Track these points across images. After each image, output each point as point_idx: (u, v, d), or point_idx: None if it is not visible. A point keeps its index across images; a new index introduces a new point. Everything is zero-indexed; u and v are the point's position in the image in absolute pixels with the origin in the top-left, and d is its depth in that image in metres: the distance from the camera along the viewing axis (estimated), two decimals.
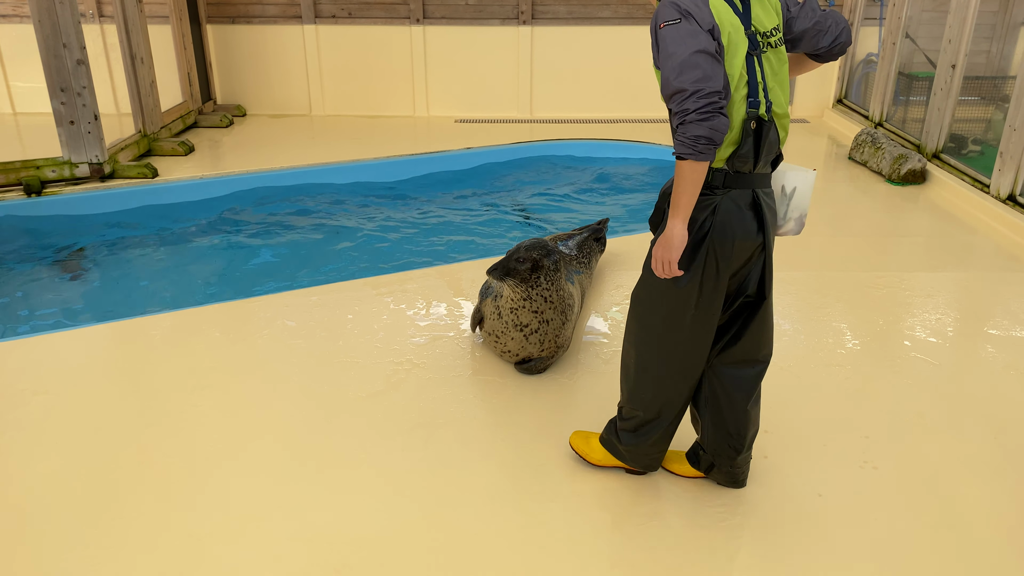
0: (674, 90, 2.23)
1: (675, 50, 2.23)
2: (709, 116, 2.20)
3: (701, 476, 2.94)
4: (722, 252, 2.42)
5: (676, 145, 2.28)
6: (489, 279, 3.77)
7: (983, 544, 2.67)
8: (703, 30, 2.23)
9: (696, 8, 2.26)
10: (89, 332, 4.20)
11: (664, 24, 2.26)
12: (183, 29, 8.32)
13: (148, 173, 6.73)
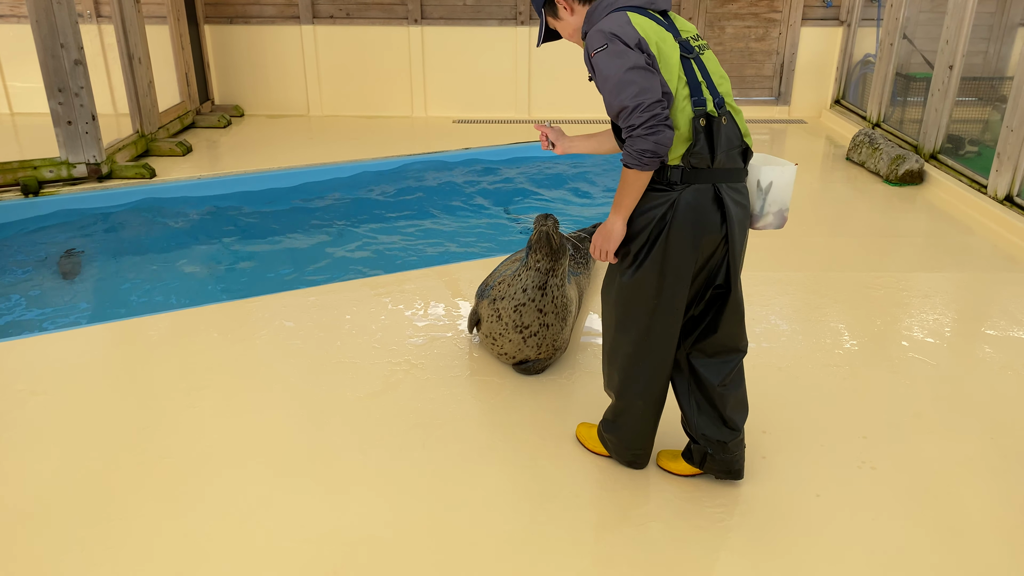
0: (617, 109, 2.35)
1: (609, 72, 2.34)
2: (653, 129, 2.30)
3: (698, 473, 2.95)
4: (682, 246, 2.50)
5: (624, 156, 2.39)
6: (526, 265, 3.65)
7: (981, 544, 2.67)
8: (631, 48, 2.33)
9: (620, 28, 2.36)
10: (87, 332, 4.19)
11: (595, 52, 2.38)
12: (181, 29, 8.32)
13: (146, 173, 6.72)
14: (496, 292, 3.69)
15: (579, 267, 4.36)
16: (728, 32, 9.10)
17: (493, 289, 3.71)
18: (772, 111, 9.35)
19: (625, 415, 2.85)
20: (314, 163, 7.30)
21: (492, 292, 3.72)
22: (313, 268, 5.52)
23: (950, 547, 2.66)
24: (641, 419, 2.83)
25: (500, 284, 3.69)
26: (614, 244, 2.54)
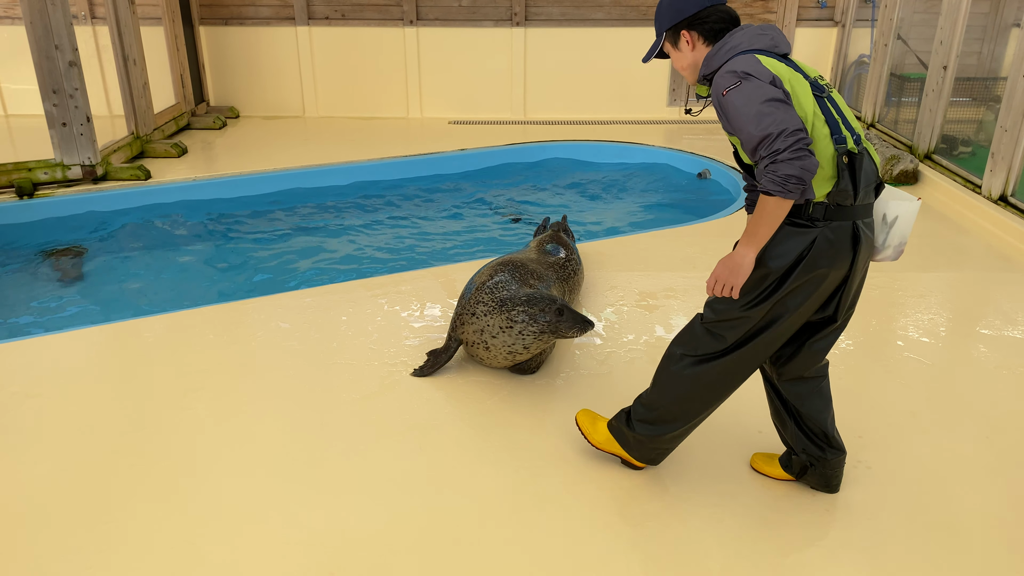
0: (759, 139, 2.27)
1: (746, 108, 2.29)
2: (799, 154, 2.23)
3: (791, 479, 2.95)
4: (812, 283, 2.44)
5: (765, 182, 2.29)
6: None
7: (975, 542, 2.68)
8: (765, 82, 2.30)
9: (752, 67, 2.33)
10: (82, 334, 4.19)
11: (726, 91, 2.33)
12: (176, 30, 8.31)
13: (141, 175, 6.71)
14: (485, 326, 3.49)
15: (555, 274, 4.11)
16: None
17: (479, 318, 3.52)
18: None
19: (674, 422, 2.77)
20: (309, 164, 7.30)
21: (479, 321, 3.52)
22: (309, 269, 5.51)
23: (945, 544, 2.67)
24: (690, 428, 2.79)
25: (490, 318, 3.48)
26: (742, 280, 2.41)
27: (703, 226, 5.79)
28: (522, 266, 3.86)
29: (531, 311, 3.40)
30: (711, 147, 7.98)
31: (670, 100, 9.28)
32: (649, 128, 8.84)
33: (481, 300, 3.55)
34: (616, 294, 4.59)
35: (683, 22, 2.53)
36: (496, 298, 3.52)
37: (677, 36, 2.56)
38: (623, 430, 2.91)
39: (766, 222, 2.34)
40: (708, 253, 5.19)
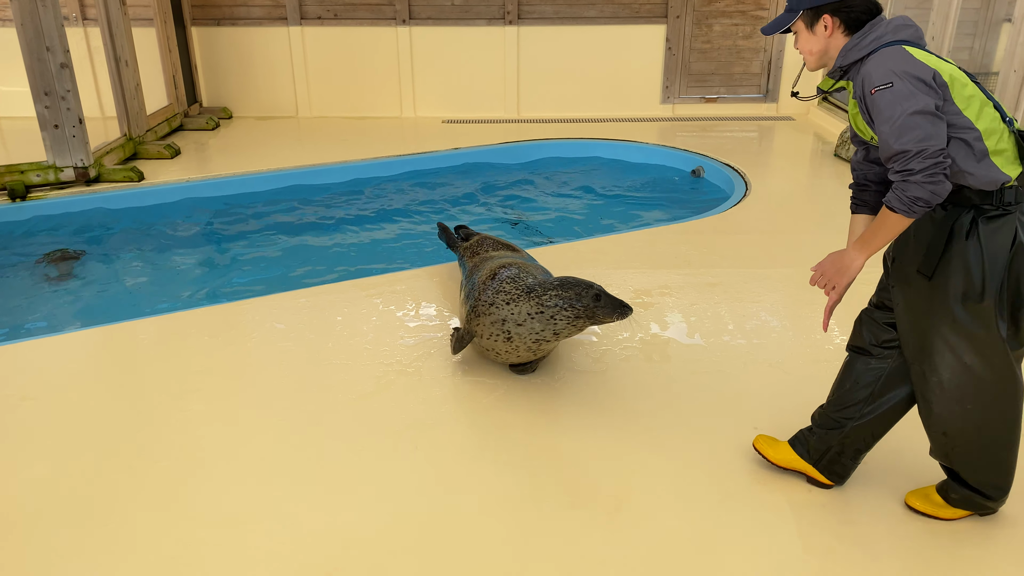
0: (895, 152, 2.20)
1: (892, 113, 2.20)
2: (933, 179, 2.17)
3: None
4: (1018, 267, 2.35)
5: (891, 198, 2.25)
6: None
7: (973, 537, 2.69)
8: (924, 85, 2.21)
9: (908, 64, 2.23)
10: (76, 337, 4.18)
11: (875, 90, 2.24)
12: (168, 31, 8.28)
13: (134, 176, 6.69)
14: (508, 315, 3.40)
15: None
16: (716, 30, 9.13)
17: (499, 308, 3.42)
18: (760, 108, 9.38)
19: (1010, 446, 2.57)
20: (303, 165, 7.28)
21: (500, 311, 3.42)
22: (304, 270, 5.51)
23: (942, 539, 2.68)
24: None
25: (515, 306, 3.38)
26: (847, 282, 2.43)
27: (697, 223, 5.80)
28: (519, 263, 3.80)
29: (566, 295, 3.29)
30: (705, 144, 7.99)
31: (663, 97, 9.29)
32: (643, 126, 8.84)
33: (502, 290, 3.44)
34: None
35: (828, 5, 2.40)
36: (521, 286, 3.41)
37: (816, 18, 2.43)
38: (976, 500, 2.67)
39: (884, 234, 2.31)
40: (702, 250, 5.20)
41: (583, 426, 3.29)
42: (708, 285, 4.67)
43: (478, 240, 4.42)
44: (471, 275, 3.91)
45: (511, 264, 3.71)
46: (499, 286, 3.48)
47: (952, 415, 2.52)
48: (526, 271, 3.62)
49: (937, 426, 2.57)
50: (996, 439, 2.53)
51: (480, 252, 4.24)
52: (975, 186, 2.28)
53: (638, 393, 3.50)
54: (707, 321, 4.23)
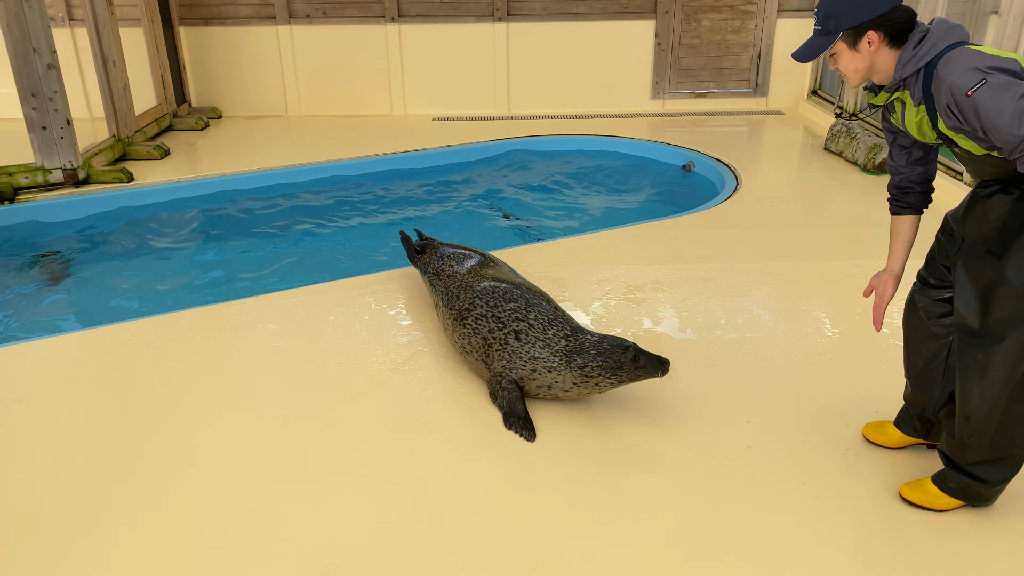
0: (1019, 140, 2.18)
1: (1000, 106, 2.18)
2: None
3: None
4: None
5: None
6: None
7: (964, 528, 2.71)
8: (1011, 75, 2.20)
9: (990, 59, 2.23)
10: (67, 340, 4.16)
11: (971, 91, 2.21)
12: (155, 31, 8.24)
13: (123, 178, 6.66)
14: (553, 382, 3.32)
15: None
16: (705, 25, 9.14)
17: (542, 375, 3.32)
18: (750, 103, 9.40)
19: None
20: (293, 164, 7.27)
21: (543, 378, 3.32)
22: (295, 269, 5.49)
23: (934, 529, 2.69)
24: None
25: (559, 375, 3.29)
26: None
27: (688, 218, 5.81)
28: (520, 291, 3.60)
29: (606, 365, 3.21)
30: (695, 140, 8.00)
31: (653, 93, 9.30)
32: (633, 121, 8.85)
33: (538, 357, 3.31)
34: (603, 288, 4.60)
35: (871, 21, 2.38)
36: (559, 352, 3.29)
37: (859, 36, 2.42)
38: (976, 490, 2.68)
39: None
40: (694, 245, 5.21)
41: (577, 422, 3.30)
42: (700, 280, 4.68)
43: (439, 256, 4.18)
44: (463, 315, 3.61)
45: (517, 294, 3.55)
46: (534, 352, 3.33)
47: (986, 399, 2.49)
48: (540, 314, 3.44)
49: (966, 407, 2.55)
50: (1018, 430, 2.53)
51: (446, 269, 4.03)
52: None
53: (631, 389, 3.51)
54: (699, 315, 4.24)
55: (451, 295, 3.81)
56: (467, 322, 3.58)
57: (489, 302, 3.56)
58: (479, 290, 3.66)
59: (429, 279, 4.15)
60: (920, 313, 2.80)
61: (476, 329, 3.52)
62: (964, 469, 2.66)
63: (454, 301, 3.75)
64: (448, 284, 3.91)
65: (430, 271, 4.15)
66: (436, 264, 4.14)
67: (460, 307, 3.67)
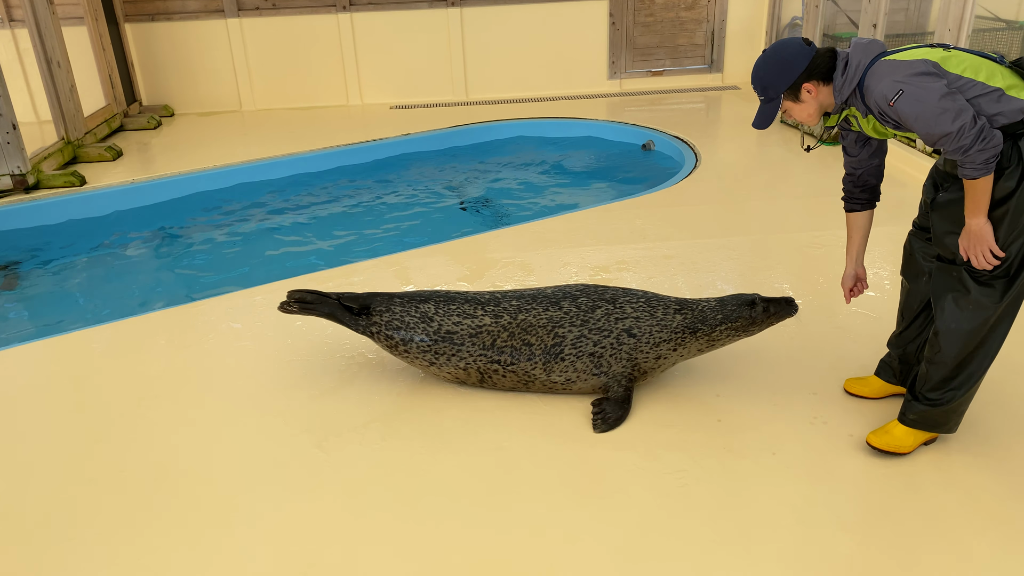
0: (939, 137, 2.46)
1: (918, 111, 2.46)
2: (985, 139, 2.41)
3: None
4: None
5: (966, 171, 2.47)
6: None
7: (929, 489, 2.78)
8: (925, 78, 2.47)
9: (903, 67, 2.51)
10: (27, 350, 4.06)
11: (892, 101, 2.50)
12: (100, 29, 8.04)
13: (75, 181, 6.51)
14: (679, 357, 3.26)
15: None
16: (658, 2, 9.15)
17: (669, 358, 3.24)
18: (706, 79, 9.46)
19: (974, 389, 2.82)
20: (250, 159, 7.15)
21: (668, 359, 3.25)
22: (257, 267, 5.42)
23: (903, 494, 2.76)
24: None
25: (680, 349, 3.22)
26: (991, 237, 2.53)
27: (650, 197, 5.84)
28: (576, 292, 3.31)
29: (737, 326, 3.19)
30: (654, 118, 8.03)
31: (610, 73, 9.30)
32: (591, 102, 8.85)
33: (661, 342, 3.19)
34: (569, 270, 4.61)
35: (800, 77, 2.68)
36: (679, 329, 3.19)
37: (797, 91, 2.71)
38: (932, 415, 2.86)
39: (983, 195, 2.50)
40: (657, 223, 5.24)
41: (551, 408, 3.31)
42: (664, 257, 4.71)
43: (416, 319, 3.31)
44: (556, 352, 3.20)
45: (606, 308, 3.24)
46: (653, 339, 3.20)
47: (954, 313, 2.70)
48: (632, 302, 3.25)
49: (937, 322, 2.75)
50: (974, 349, 2.73)
51: (457, 330, 3.27)
52: (1008, 121, 2.48)
53: None
54: (665, 293, 4.27)
55: (509, 349, 3.23)
56: (564, 354, 3.21)
57: (575, 321, 3.20)
58: (547, 319, 3.21)
59: (436, 348, 3.28)
60: (917, 256, 2.99)
61: (578, 353, 3.20)
62: (924, 396, 2.84)
63: (525, 349, 3.22)
64: (489, 342, 3.24)
65: (423, 342, 3.28)
66: (427, 335, 3.28)
67: (545, 346, 3.21)
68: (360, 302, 3.42)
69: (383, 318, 3.34)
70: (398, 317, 3.32)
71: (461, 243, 5.12)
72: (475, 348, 3.25)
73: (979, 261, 2.57)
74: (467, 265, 4.74)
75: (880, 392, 3.24)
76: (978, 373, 2.78)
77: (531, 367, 3.24)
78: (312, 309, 3.44)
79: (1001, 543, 2.53)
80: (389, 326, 3.33)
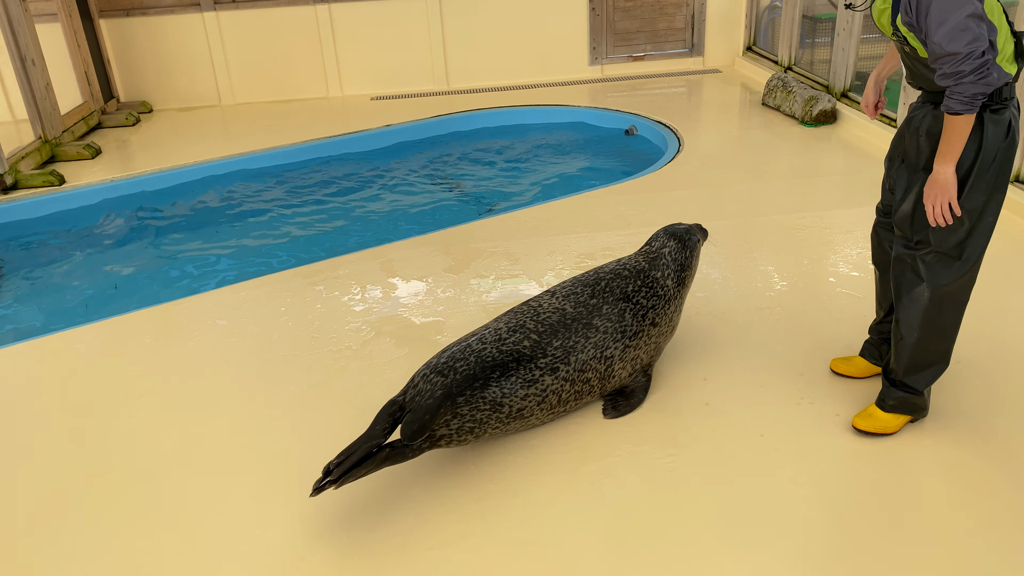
0: (944, 53, 2.37)
1: (945, 16, 2.35)
2: (984, 74, 2.35)
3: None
4: (1011, 159, 2.60)
5: (951, 103, 2.42)
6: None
7: (914, 465, 2.81)
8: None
9: None
10: (11, 352, 4.02)
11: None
12: (74, 26, 7.93)
13: (54, 180, 6.44)
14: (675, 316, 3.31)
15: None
16: None
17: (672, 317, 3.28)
18: (687, 63, 9.45)
19: (950, 350, 2.87)
20: (231, 154, 7.09)
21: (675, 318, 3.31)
22: (241, 262, 5.39)
23: (888, 471, 2.78)
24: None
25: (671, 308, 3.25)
26: (953, 191, 2.53)
27: (634, 183, 5.84)
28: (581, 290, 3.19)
29: (692, 260, 3.36)
30: (636, 103, 8.02)
31: (591, 59, 9.27)
32: (573, 89, 8.83)
33: (674, 313, 3.27)
34: (555, 258, 4.61)
35: None
36: (675, 287, 3.26)
37: None
38: (919, 400, 2.92)
39: (958, 138, 2.48)
40: (641, 209, 5.24)
41: None
42: None
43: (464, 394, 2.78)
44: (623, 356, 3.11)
45: (612, 309, 3.13)
46: (670, 317, 3.26)
47: (915, 303, 2.74)
48: (625, 286, 3.19)
49: (898, 312, 2.81)
50: (936, 337, 2.80)
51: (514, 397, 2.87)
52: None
53: None
54: None
55: (573, 396, 3.04)
56: (614, 373, 3.13)
57: (615, 336, 3.08)
58: (593, 346, 3.04)
59: (506, 428, 2.91)
60: (884, 244, 3.01)
61: (623, 364, 3.14)
62: (899, 382, 2.88)
63: (585, 387, 3.07)
64: (555, 400, 2.98)
65: (496, 430, 2.89)
66: (499, 422, 2.87)
67: (600, 373, 3.08)
68: (427, 422, 2.69)
69: (451, 426, 2.74)
70: (471, 416, 2.77)
71: (446, 233, 5.11)
72: (543, 413, 2.98)
73: (936, 213, 2.57)
74: (452, 255, 4.73)
75: (865, 372, 3.27)
76: (942, 354, 2.85)
77: (591, 397, 3.15)
78: (358, 467, 2.59)
79: (986, 517, 2.57)
80: (461, 432, 2.77)
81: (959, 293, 2.74)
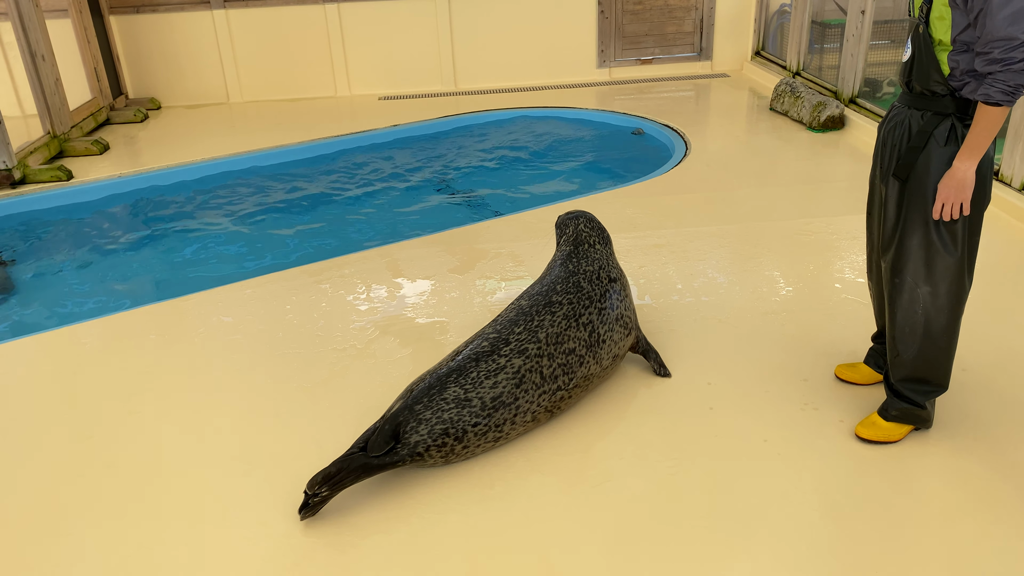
0: (1001, 36, 2.21)
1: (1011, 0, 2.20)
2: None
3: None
4: (992, 169, 2.54)
5: (991, 91, 2.29)
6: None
7: (917, 472, 2.80)
8: None
9: None
10: (17, 346, 4.03)
11: None
12: (84, 22, 7.96)
13: (62, 176, 6.46)
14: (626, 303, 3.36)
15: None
16: None
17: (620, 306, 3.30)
18: (695, 67, 9.44)
19: (949, 367, 2.82)
20: (238, 152, 7.11)
21: (626, 308, 3.33)
22: (247, 259, 5.40)
23: (892, 478, 2.77)
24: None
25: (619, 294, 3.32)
26: (969, 193, 2.42)
27: (640, 186, 5.84)
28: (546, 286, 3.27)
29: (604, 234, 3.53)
30: (643, 106, 8.02)
31: (599, 62, 9.27)
32: (581, 91, 8.83)
33: (620, 273, 3.41)
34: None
35: None
36: (606, 249, 3.45)
37: None
38: (922, 410, 2.88)
39: (988, 132, 2.35)
40: (647, 212, 5.24)
41: None
42: (655, 246, 4.72)
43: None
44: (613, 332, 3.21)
45: (568, 288, 3.21)
46: (614, 262, 3.44)
47: (906, 316, 2.71)
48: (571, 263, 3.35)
49: (891, 327, 2.78)
50: (936, 337, 2.74)
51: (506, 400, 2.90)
52: (968, 96, 2.40)
53: None
54: (656, 282, 4.28)
55: (560, 368, 3.02)
56: (602, 337, 3.16)
57: (584, 303, 3.16)
58: (563, 317, 3.08)
59: (495, 420, 2.89)
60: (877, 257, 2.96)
61: (609, 326, 3.19)
62: (902, 394, 2.86)
63: (572, 357, 3.06)
64: (538, 379, 2.96)
65: (478, 424, 2.86)
66: (476, 415, 2.85)
67: (585, 340, 3.10)
68: (387, 431, 2.78)
69: (421, 432, 2.77)
70: (437, 418, 2.79)
71: (451, 234, 5.11)
72: (531, 393, 2.93)
73: (946, 211, 2.49)
74: (458, 256, 4.73)
75: (870, 379, 3.26)
76: (942, 365, 2.81)
77: (587, 369, 3.10)
78: (343, 478, 2.68)
79: (989, 523, 2.56)
80: (433, 434, 2.78)
81: (952, 308, 2.70)
